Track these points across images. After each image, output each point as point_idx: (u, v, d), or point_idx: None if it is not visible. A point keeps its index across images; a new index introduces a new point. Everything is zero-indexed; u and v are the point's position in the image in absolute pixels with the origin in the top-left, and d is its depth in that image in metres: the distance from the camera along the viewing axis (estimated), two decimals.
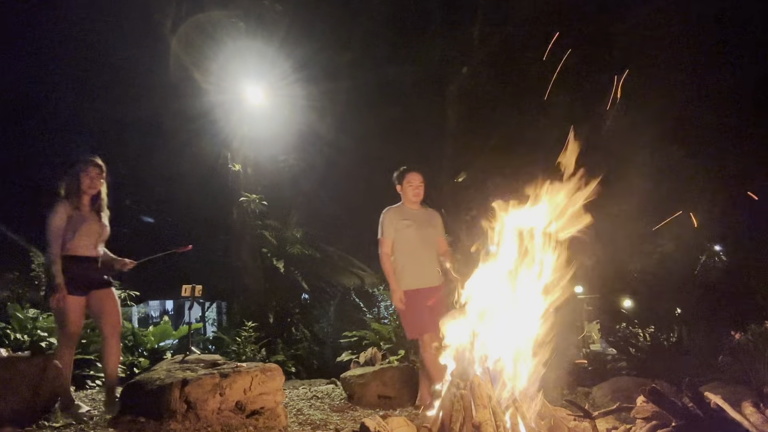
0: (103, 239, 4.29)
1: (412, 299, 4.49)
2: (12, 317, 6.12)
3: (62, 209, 4.05)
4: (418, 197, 4.71)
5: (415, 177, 4.71)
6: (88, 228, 4.13)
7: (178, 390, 3.61)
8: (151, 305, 16.89)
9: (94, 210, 4.22)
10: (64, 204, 4.07)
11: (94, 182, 4.17)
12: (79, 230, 4.07)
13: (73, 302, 4.03)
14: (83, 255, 4.11)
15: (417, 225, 4.63)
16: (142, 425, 3.55)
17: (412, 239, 4.58)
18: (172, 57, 9.60)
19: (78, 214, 4.10)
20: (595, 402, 4.53)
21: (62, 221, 4.01)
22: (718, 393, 2.90)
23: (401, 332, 6.83)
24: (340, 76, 10.87)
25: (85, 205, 4.18)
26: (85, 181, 4.13)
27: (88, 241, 4.14)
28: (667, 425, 2.78)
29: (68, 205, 4.07)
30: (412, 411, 4.56)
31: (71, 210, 4.07)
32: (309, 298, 10.99)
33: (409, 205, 4.73)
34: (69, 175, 4.16)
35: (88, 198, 4.19)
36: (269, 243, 10.04)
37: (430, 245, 4.65)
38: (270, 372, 3.95)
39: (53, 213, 4.02)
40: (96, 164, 4.22)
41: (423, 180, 4.72)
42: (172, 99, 9.91)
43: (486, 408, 2.72)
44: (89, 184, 4.14)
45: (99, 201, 4.24)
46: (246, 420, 3.73)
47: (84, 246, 4.11)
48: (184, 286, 4.89)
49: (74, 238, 4.05)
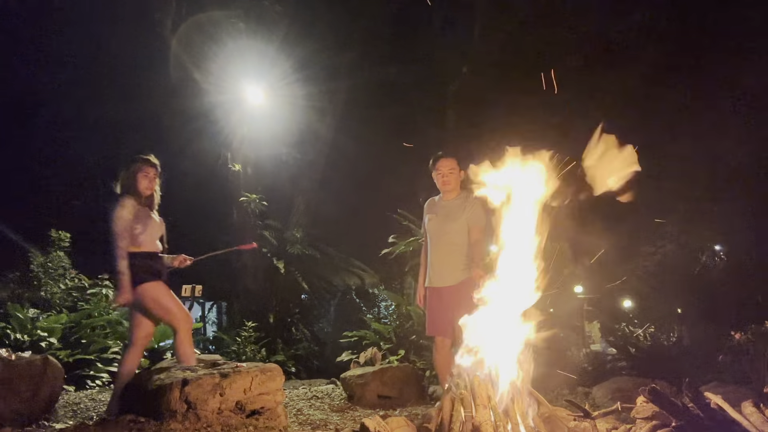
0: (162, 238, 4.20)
1: (428, 297, 4.39)
2: (12, 317, 6.12)
3: (129, 203, 3.88)
4: (446, 186, 4.29)
5: (444, 164, 4.29)
6: (154, 224, 4.05)
7: (178, 390, 3.61)
8: None
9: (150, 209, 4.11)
10: (130, 198, 3.91)
11: (152, 182, 4.07)
12: (147, 225, 3.97)
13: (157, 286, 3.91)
14: (153, 251, 4.02)
15: (438, 219, 4.32)
16: (142, 425, 3.55)
17: (432, 235, 4.36)
18: (172, 57, 9.61)
19: (142, 210, 3.98)
20: (595, 402, 4.52)
21: (131, 215, 3.86)
22: (718, 393, 2.90)
23: (401, 332, 6.85)
24: (340, 76, 10.88)
25: (143, 203, 4.07)
26: (142, 181, 4.00)
27: (154, 238, 4.06)
28: (667, 425, 2.78)
29: (133, 200, 3.93)
30: (413, 411, 4.56)
31: (137, 204, 3.94)
32: (309, 298, 10.99)
33: (443, 195, 4.37)
34: (126, 174, 4.03)
35: (145, 198, 4.08)
36: (269, 243, 10.04)
37: (447, 242, 4.26)
38: (270, 372, 3.95)
39: (121, 207, 3.84)
40: (152, 164, 4.11)
41: (455, 167, 4.28)
42: (172, 99, 9.92)
43: (486, 408, 2.72)
44: (147, 185, 4.02)
45: (153, 200, 4.14)
46: (246, 420, 3.73)
47: (152, 242, 4.02)
48: (184, 286, 4.91)
49: (144, 233, 3.93)
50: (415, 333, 6.66)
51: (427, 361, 6.09)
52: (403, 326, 6.90)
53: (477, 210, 4.22)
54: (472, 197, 4.24)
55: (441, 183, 4.30)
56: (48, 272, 7.20)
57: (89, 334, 6.47)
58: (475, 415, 2.70)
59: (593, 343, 9.75)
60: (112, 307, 4.00)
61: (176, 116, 10.16)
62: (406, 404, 4.82)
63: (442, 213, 4.32)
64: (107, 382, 6.07)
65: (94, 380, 6.00)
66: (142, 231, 3.90)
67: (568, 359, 6.37)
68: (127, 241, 3.80)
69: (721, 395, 2.81)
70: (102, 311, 6.98)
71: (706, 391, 3.02)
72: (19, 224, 9.64)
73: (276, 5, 10.11)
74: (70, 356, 5.97)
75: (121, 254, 3.77)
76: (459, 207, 4.27)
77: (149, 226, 3.97)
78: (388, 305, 9.75)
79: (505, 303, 3.13)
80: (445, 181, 4.27)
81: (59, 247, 7.45)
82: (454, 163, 4.28)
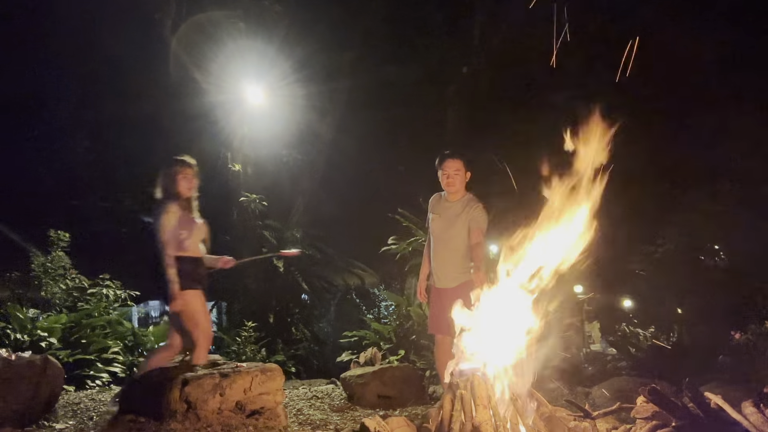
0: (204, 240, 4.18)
1: (431, 295, 4.42)
2: (12, 317, 6.12)
3: (173, 208, 3.88)
4: (451, 188, 4.22)
5: (450, 164, 4.20)
6: (196, 227, 4.02)
7: (178, 390, 3.61)
8: (151, 305, 16.88)
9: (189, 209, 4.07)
10: (173, 203, 3.90)
11: (191, 184, 4.03)
12: (192, 229, 3.96)
13: (196, 297, 3.92)
14: (197, 256, 4.02)
15: (441, 220, 4.29)
16: (142, 425, 3.55)
17: (434, 235, 4.36)
18: (172, 57, 9.61)
19: (185, 214, 3.96)
20: (595, 402, 4.52)
21: (176, 221, 3.86)
22: (718, 393, 2.90)
23: (401, 332, 6.85)
24: (340, 76, 10.88)
25: (185, 206, 4.04)
26: (182, 183, 3.98)
27: (198, 240, 4.05)
28: (667, 425, 2.78)
29: (176, 205, 3.91)
30: (413, 411, 4.56)
31: (180, 209, 3.92)
32: (309, 298, 10.99)
33: (447, 195, 4.31)
34: (165, 177, 4.00)
35: (185, 199, 4.04)
36: (269, 243, 10.04)
37: (448, 245, 4.26)
38: (270, 372, 3.95)
39: (167, 213, 3.84)
40: (190, 165, 4.08)
41: (461, 168, 4.20)
42: (172, 99, 9.92)
43: (486, 408, 2.72)
44: (187, 187, 3.99)
45: (193, 202, 4.09)
46: (246, 420, 3.73)
47: (195, 246, 4.02)
48: None
49: (189, 237, 3.93)
50: (415, 333, 6.66)
51: (427, 361, 6.09)
52: (403, 326, 6.90)
53: (478, 213, 4.20)
54: (474, 200, 4.23)
55: (445, 184, 4.25)
56: (48, 272, 7.20)
57: (89, 334, 6.47)
58: (475, 415, 2.70)
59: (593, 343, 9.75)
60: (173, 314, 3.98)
61: (176, 116, 10.16)
62: (406, 404, 4.82)
63: (445, 214, 4.30)
64: (107, 382, 6.07)
65: (94, 380, 6.00)
66: (187, 236, 3.91)
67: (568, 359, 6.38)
68: (174, 248, 3.81)
69: (721, 395, 2.81)
70: (102, 311, 6.98)
71: (706, 391, 3.03)
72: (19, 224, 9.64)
73: (276, 5, 10.12)
74: (70, 356, 5.97)
75: (169, 262, 3.79)
76: (461, 209, 4.24)
77: (193, 230, 3.97)
78: (388, 305, 9.75)
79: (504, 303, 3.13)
80: (450, 182, 4.22)
81: (59, 247, 7.45)
82: (460, 164, 4.21)
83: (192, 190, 4.03)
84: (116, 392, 4.77)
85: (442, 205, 4.34)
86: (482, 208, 4.21)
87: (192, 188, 4.03)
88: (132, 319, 11.44)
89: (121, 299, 7.40)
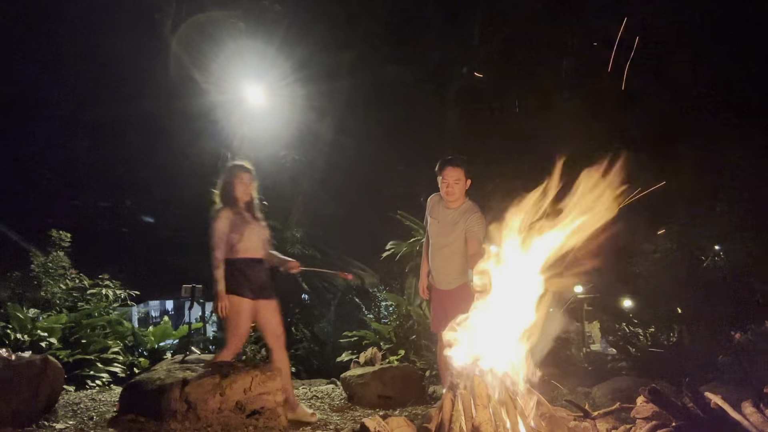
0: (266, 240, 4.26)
1: (432, 295, 4.45)
2: (12, 317, 6.12)
3: (225, 214, 4.04)
4: (450, 196, 4.20)
5: (450, 173, 4.15)
6: (252, 230, 4.11)
7: (178, 390, 3.61)
8: (151, 305, 16.91)
9: (250, 213, 4.19)
10: (226, 209, 4.06)
11: (248, 188, 4.15)
12: (244, 233, 4.05)
13: (243, 303, 4.00)
14: (252, 257, 4.08)
15: (439, 226, 4.29)
16: (142, 425, 3.56)
17: (433, 239, 4.37)
18: (172, 57, 9.61)
19: (240, 218, 4.08)
20: (595, 402, 4.53)
21: (226, 226, 4.00)
22: (718, 393, 2.90)
23: (401, 332, 6.85)
24: (340, 76, 10.88)
25: (242, 209, 4.14)
26: (239, 187, 4.11)
27: (255, 243, 4.12)
28: (667, 425, 2.78)
29: (230, 211, 4.05)
30: (413, 411, 4.56)
31: (233, 215, 4.05)
32: (309, 298, 10.99)
33: (446, 202, 4.29)
34: (223, 184, 4.13)
35: (243, 203, 4.16)
36: None
37: (446, 250, 4.27)
38: (270, 372, 3.96)
39: (218, 219, 4.02)
40: (247, 169, 4.20)
41: (461, 177, 4.16)
42: (172, 99, 9.92)
43: (486, 408, 2.72)
44: (243, 191, 4.12)
45: (253, 204, 4.20)
46: (246, 420, 3.73)
47: (252, 248, 4.09)
48: (184, 286, 4.91)
49: (242, 241, 4.03)
50: (415, 333, 6.66)
51: (427, 361, 6.09)
52: (403, 326, 6.89)
53: (476, 222, 4.17)
54: (472, 209, 4.21)
55: (445, 192, 4.21)
56: (48, 272, 7.20)
57: (89, 334, 6.47)
58: (475, 415, 2.70)
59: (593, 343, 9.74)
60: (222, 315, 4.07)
61: (176, 116, 10.16)
62: (406, 404, 4.82)
63: (443, 221, 4.29)
64: (107, 382, 6.07)
65: (94, 380, 6.00)
66: (239, 239, 4.02)
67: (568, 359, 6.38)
68: (222, 251, 3.98)
69: (721, 395, 2.81)
70: (102, 311, 6.98)
71: (706, 391, 3.03)
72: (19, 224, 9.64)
73: (276, 5, 10.11)
74: (70, 356, 5.97)
75: (216, 264, 3.96)
76: (459, 217, 4.22)
77: (247, 233, 4.07)
78: (388, 305, 9.73)
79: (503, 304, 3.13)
80: (449, 191, 4.18)
81: (59, 247, 7.44)
82: (460, 173, 4.17)
83: (249, 193, 4.16)
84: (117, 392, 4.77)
85: (441, 211, 4.31)
86: (480, 218, 4.19)
87: (248, 192, 4.16)
88: (132, 319, 11.45)
89: (121, 299, 7.40)
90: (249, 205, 4.19)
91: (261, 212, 4.28)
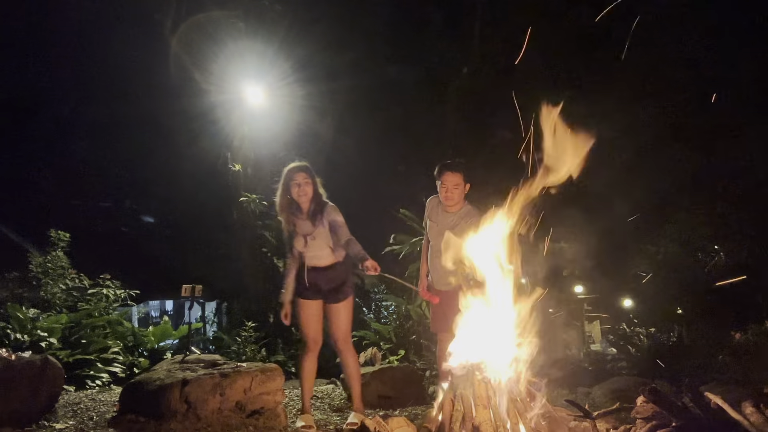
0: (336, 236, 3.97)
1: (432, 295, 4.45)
2: (12, 317, 6.12)
3: (284, 223, 4.02)
4: (449, 201, 4.16)
5: (449, 178, 4.12)
6: (316, 235, 3.94)
7: (178, 390, 3.61)
8: (151, 305, 16.89)
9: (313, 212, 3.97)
10: (284, 216, 4.01)
11: (303, 188, 3.94)
12: (307, 240, 3.93)
13: (306, 306, 3.97)
14: (315, 266, 3.95)
15: (438, 229, 4.25)
16: (142, 425, 3.55)
17: (432, 240, 4.38)
18: (172, 57, 9.62)
19: (302, 223, 3.95)
20: (595, 402, 4.52)
21: (287, 233, 3.99)
22: (718, 393, 2.90)
23: (401, 332, 6.85)
24: (340, 76, 10.88)
25: (304, 212, 3.97)
26: (294, 189, 3.95)
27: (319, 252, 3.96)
28: (667, 425, 2.78)
29: (289, 216, 3.98)
30: (413, 411, 4.56)
31: (294, 220, 3.96)
32: None
33: (445, 206, 4.26)
34: (280, 187, 4.03)
35: (305, 205, 3.97)
36: (269, 243, 10.03)
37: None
38: (270, 372, 3.96)
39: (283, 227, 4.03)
40: (300, 169, 4.01)
41: (460, 182, 4.13)
42: (172, 99, 9.93)
43: (486, 408, 2.72)
44: (298, 192, 3.94)
45: (314, 203, 3.98)
46: (246, 420, 3.73)
47: (317, 256, 3.95)
48: (184, 286, 4.89)
49: (305, 249, 3.94)
50: (415, 333, 6.66)
51: (427, 361, 6.09)
52: (403, 326, 6.90)
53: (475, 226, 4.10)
54: (471, 213, 4.19)
55: (444, 197, 4.19)
56: (47, 272, 7.20)
57: (89, 334, 6.47)
58: (475, 415, 2.70)
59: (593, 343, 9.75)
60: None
61: (176, 116, 10.16)
62: (406, 404, 4.82)
63: (442, 224, 4.29)
64: (107, 382, 6.07)
65: (94, 380, 5.99)
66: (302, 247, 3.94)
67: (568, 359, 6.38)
68: (291, 258, 4.02)
69: (721, 395, 2.81)
70: (102, 311, 6.98)
71: (706, 391, 3.03)
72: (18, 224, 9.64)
73: (276, 5, 10.11)
74: (70, 356, 5.97)
75: (285, 273, 4.06)
76: (459, 220, 4.20)
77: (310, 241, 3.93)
78: (388, 305, 9.73)
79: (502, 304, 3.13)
80: (448, 196, 4.15)
81: (58, 247, 7.44)
82: (459, 178, 4.14)
83: (307, 194, 3.95)
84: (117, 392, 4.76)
85: (440, 215, 4.31)
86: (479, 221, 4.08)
87: (307, 192, 3.95)
88: (132, 319, 11.45)
89: (121, 299, 7.40)
90: (311, 206, 3.96)
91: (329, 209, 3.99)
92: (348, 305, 4.01)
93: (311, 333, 4.00)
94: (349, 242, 3.85)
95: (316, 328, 4.01)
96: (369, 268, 3.66)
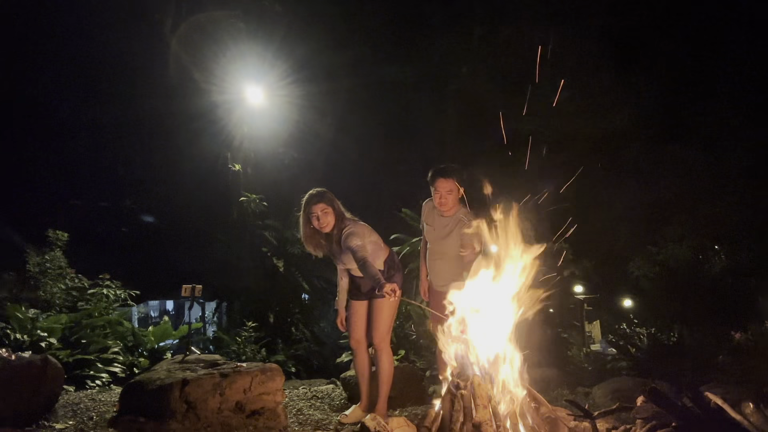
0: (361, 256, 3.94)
1: (431, 294, 4.51)
2: (12, 317, 6.12)
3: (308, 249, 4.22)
4: (443, 207, 4.18)
5: (443, 185, 4.13)
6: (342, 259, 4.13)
7: (178, 390, 3.61)
8: (151, 305, 16.91)
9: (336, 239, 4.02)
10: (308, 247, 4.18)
11: (323, 220, 3.98)
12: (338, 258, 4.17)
13: (350, 306, 4.25)
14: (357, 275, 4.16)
15: (434, 232, 4.32)
16: (142, 425, 3.55)
17: (430, 243, 4.45)
18: (172, 57, 9.62)
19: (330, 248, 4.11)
20: (595, 402, 4.53)
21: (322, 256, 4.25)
22: (718, 393, 2.90)
23: (401, 332, 6.84)
24: (340, 76, 10.88)
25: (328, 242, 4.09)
26: (314, 222, 4.01)
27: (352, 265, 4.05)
28: (667, 425, 2.78)
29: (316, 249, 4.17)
30: (413, 411, 4.56)
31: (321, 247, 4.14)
32: (309, 298, 11.00)
33: (440, 211, 4.29)
34: (301, 218, 4.09)
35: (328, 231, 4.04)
36: (269, 243, 10.04)
37: (441, 255, 4.32)
38: (270, 372, 3.96)
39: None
40: (317, 200, 4.00)
41: (453, 188, 4.14)
42: (172, 99, 9.92)
43: (486, 408, 2.72)
44: (319, 224, 4.00)
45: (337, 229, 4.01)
46: (246, 420, 3.73)
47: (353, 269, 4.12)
48: (184, 286, 4.89)
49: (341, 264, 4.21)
50: (415, 333, 6.66)
51: (427, 361, 6.08)
52: (403, 326, 6.89)
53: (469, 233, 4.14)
54: (465, 217, 4.17)
55: (438, 203, 4.20)
56: (46, 272, 7.20)
57: (89, 334, 6.47)
58: (475, 415, 2.70)
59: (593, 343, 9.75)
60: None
61: (176, 116, 10.16)
62: (406, 404, 4.82)
63: (437, 227, 4.32)
64: (107, 382, 6.06)
65: (94, 380, 5.99)
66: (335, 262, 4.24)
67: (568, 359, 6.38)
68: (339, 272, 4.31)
69: (721, 395, 2.81)
70: (102, 311, 6.98)
71: (706, 391, 3.03)
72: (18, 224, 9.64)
73: (276, 5, 10.13)
74: (70, 356, 5.96)
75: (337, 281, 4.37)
76: (454, 225, 4.21)
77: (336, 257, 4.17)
78: None
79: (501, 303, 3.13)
80: (442, 202, 4.16)
81: (57, 247, 7.44)
82: (452, 184, 4.14)
83: (327, 223, 3.99)
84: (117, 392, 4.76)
85: (436, 219, 4.33)
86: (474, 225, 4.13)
87: (326, 221, 3.98)
88: (132, 319, 11.45)
89: (121, 299, 7.40)
90: (333, 232, 4.02)
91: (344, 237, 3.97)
92: (390, 304, 4.03)
93: (352, 332, 4.23)
94: (362, 267, 3.83)
95: (356, 328, 4.20)
96: (388, 293, 3.54)
